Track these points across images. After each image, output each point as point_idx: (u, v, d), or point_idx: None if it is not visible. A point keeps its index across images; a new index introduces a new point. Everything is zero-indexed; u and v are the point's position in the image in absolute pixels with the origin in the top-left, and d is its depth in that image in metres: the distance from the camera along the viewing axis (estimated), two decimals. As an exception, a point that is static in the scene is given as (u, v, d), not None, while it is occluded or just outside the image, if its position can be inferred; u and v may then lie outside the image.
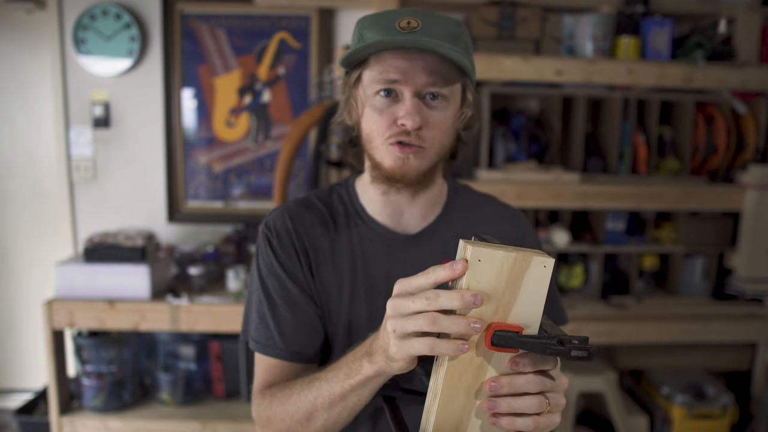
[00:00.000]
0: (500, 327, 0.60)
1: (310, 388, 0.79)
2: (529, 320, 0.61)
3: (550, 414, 0.62)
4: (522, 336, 0.60)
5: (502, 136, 2.38)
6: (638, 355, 2.47)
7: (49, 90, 2.65)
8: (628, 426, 2.26)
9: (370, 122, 0.85)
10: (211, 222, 2.66)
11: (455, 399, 0.62)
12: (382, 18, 0.82)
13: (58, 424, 2.19)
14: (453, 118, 0.86)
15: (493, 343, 0.60)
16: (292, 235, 0.92)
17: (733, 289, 2.33)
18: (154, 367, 2.33)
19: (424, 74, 0.80)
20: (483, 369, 0.62)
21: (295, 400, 0.81)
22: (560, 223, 2.39)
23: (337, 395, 0.75)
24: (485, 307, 0.60)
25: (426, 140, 0.83)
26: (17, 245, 2.84)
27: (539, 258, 0.60)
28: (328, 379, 0.77)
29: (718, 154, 2.41)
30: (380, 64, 0.81)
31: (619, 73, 2.17)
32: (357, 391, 0.74)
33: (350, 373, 0.73)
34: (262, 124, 2.64)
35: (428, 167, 0.86)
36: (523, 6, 2.23)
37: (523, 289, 0.60)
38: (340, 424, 0.80)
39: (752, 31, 2.30)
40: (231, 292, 2.25)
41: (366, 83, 0.84)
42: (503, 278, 0.59)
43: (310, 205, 0.96)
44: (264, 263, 0.92)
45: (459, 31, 0.83)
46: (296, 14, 2.57)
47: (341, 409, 0.77)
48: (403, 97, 0.81)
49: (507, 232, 0.99)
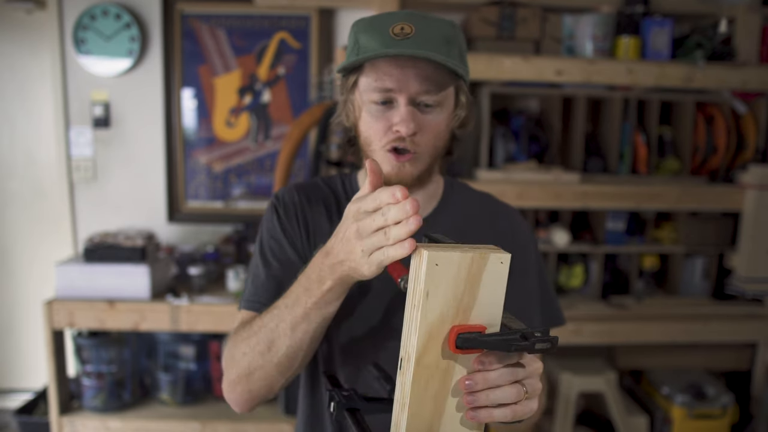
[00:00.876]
0: (463, 329, 0.59)
1: (271, 316, 0.80)
2: (490, 318, 0.61)
3: (527, 401, 0.62)
4: (485, 335, 0.59)
5: (502, 136, 2.38)
6: (638, 355, 2.47)
7: (49, 90, 2.65)
8: (628, 426, 2.26)
9: (367, 127, 0.87)
10: (211, 222, 2.66)
11: (424, 406, 0.61)
12: (377, 22, 0.83)
13: (58, 424, 2.19)
14: (447, 121, 0.88)
15: (458, 346, 0.59)
16: (297, 207, 0.96)
17: (733, 289, 2.33)
18: (154, 367, 2.33)
19: (417, 82, 0.82)
20: (449, 372, 0.61)
21: (255, 331, 0.82)
22: (560, 223, 2.39)
23: (299, 316, 0.77)
24: (447, 310, 0.59)
25: (420, 145, 0.86)
26: (17, 245, 2.84)
27: (496, 255, 0.59)
28: (287, 305, 0.78)
29: (718, 154, 2.41)
30: (375, 71, 0.83)
31: (619, 73, 2.17)
32: (320, 308, 0.76)
33: (310, 290, 0.75)
34: (262, 124, 2.64)
35: (423, 170, 0.89)
36: (523, 6, 2.23)
37: (483, 288, 0.59)
38: (302, 353, 0.81)
39: (752, 31, 2.30)
40: (231, 292, 2.25)
41: (362, 89, 0.86)
42: (462, 279, 0.59)
43: (317, 187, 1.00)
44: (267, 228, 0.96)
45: (453, 33, 0.84)
46: (296, 14, 2.57)
47: (303, 332, 0.78)
48: (398, 104, 0.84)
49: (500, 227, 1.00)
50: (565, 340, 2.21)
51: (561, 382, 2.25)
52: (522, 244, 0.99)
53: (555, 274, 2.40)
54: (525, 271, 0.98)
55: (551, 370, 2.33)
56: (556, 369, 2.31)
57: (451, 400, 0.62)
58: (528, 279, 0.99)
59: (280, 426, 2.18)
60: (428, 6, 2.42)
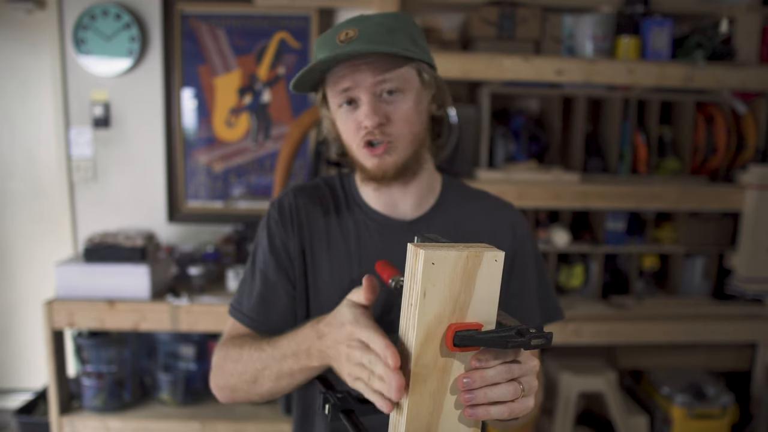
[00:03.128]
0: (460, 327, 0.60)
1: (260, 356, 0.85)
2: (486, 316, 0.61)
3: (524, 398, 0.63)
4: (482, 333, 0.60)
5: (502, 136, 2.38)
6: (638, 355, 2.47)
7: (49, 90, 2.65)
8: (628, 426, 2.26)
9: (343, 132, 0.92)
10: (211, 222, 2.66)
11: (422, 407, 0.62)
12: (327, 36, 0.88)
13: (58, 424, 2.19)
14: (414, 105, 0.90)
15: (455, 344, 0.60)
16: (293, 211, 0.98)
17: (733, 289, 2.33)
18: (154, 367, 2.33)
19: (370, 74, 0.86)
20: (447, 371, 0.62)
21: (245, 363, 0.88)
22: (560, 223, 2.39)
23: (285, 372, 0.83)
24: (444, 309, 0.60)
25: (392, 134, 0.89)
26: (17, 245, 2.84)
27: (490, 253, 0.60)
28: (275, 357, 0.83)
29: (718, 154, 2.41)
30: (333, 78, 0.89)
31: (619, 73, 2.17)
32: (304, 372, 0.82)
33: (298, 357, 0.80)
34: (262, 124, 2.64)
35: (406, 158, 0.91)
36: (523, 6, 2.23)
37: (478, 286, 0.60)
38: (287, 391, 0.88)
39: (752, 31, 2.30)
40: (231, 292, 2.25)
41: (330, 100, 0.92)
42: (458, 278, 0.59)
43: (317, 187, 1.03)
44: (260, 235, 1.00)
45: (396, 23, 0.88)
46: (296, 14, 2.57)
47: (287, 384, 0.85)
48: (361, 102, 0.88)
49: (497, 223, 1.01)
50: (565, 340, 2.21)
51: (561, 382, 2.25)
52: (520, 239, 1.00)
53: (555, 274, 2.40)
54: (524, 264, 1.00)
55: (551, 369, 2.33)
56: (556, 369, 2.31)
57: (449, 398, 0.62)
58: (527, 272, 1.00)
59: (280, 426, 2.18)
60: (428, 6, 2.42)
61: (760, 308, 2.35)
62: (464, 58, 2.14)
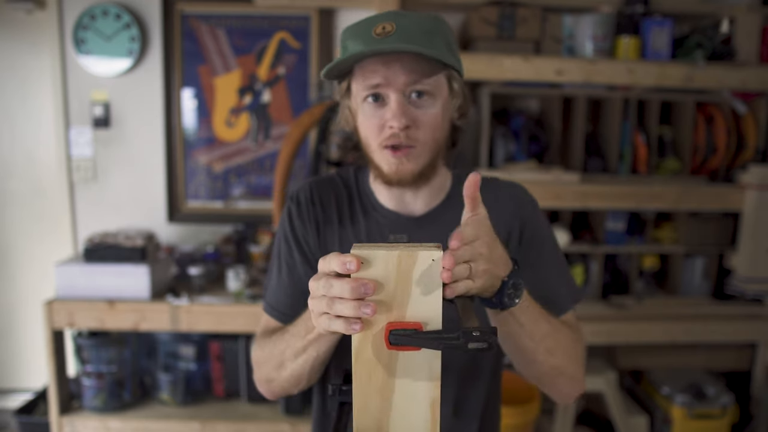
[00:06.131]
0: (397, 326, 0.60)
1: (281, 340, 0.89)
2: (428, 315, 0.61)
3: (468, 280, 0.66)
4: (418, 333, 0.60)
5: (502, 136, 2.38)
6: (638, 355, 2.47)
7: (49, 90, 2.65)
8: (628, 426, 2.26)
9: (364, 128, 0.90)
10: (211, 222, 2.66)
11: (370, 401, 0.62)
12: (361, 25, 0.86)
13: (58, 424, 2.19)
14: (442, 111, 0.89)
15: (391, 343, 0.60)
16: (310, 205, 1.00)
17: (733, 289, 2.33)
18: (154, 367, 2.33)
19: (403, 74, 0.84)
20: (392, 367, 0.62)
21: (270, 350, 0.92)
22: (560, 223, 2.39)
23: (300, 348, 0.85)
24: (379, 307, 0.60)
25: (417, 139, 0.87)
26: (17, 245, 2.84)
27: (425, 252, 0.59)
28: (293, 334, 0.87)
29: (718, 154, 2.41)
30: (362, 71, 0.86)
31: (619, 73, 2.17)
32: (314, 345, 0.83)
33: (307, 329, 0.82)
34: (262, 124, 2.64)
35: (424, 166, 0.90)
36: (523, 6, 2.23)
37: (416, 286, 0.60)
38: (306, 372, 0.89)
39: (752, 31, 2.30)
40: (231, 292, 2.25)
41: (354, 92, 0.90)
42: (392, 277, 0.60)
43: (332, 182, 1.03)
44: (281, 230, 1.01)
45: (434, 25, 0.86)
46: (296, 14, 2.57)
47: (304, 361, 0.86)
48: (389, 100, 0.86)
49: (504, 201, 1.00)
50: (565, 340, 2.21)
51: (561, 382, 2.25)
52: (527, 208, 1.01)
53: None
54: (539, 236, 1.00)
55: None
56: (556, 369, 2.31)
57: (399, 394, 0.62)
58: (545, 244, 1.00)
59: (280, 426, 2.18)
60: (428, 6, 2.42)
61: (760, 308, 2.35)
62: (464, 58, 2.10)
